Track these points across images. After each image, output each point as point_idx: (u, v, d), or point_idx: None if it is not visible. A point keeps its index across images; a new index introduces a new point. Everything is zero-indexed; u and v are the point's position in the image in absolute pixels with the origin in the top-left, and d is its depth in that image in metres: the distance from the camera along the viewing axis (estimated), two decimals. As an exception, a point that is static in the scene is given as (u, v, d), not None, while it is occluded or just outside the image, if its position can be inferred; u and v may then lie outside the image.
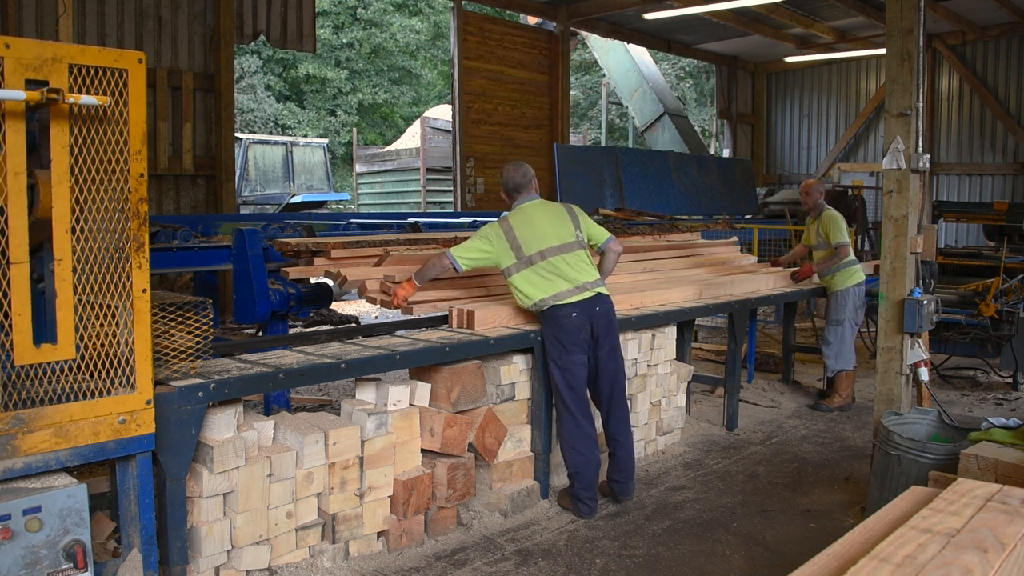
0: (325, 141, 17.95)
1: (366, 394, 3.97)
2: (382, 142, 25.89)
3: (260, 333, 5.22)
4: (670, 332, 5.58)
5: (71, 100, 2.54)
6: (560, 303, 4.29)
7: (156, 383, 2.97)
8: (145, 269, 2.81)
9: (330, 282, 4.98)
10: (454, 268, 4.38)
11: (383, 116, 28.66)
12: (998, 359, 7.41)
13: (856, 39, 15.04)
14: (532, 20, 14.42)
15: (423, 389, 4.09)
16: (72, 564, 2.58)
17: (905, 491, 2.83)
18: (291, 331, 5.52)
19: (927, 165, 4.52)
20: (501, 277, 4.66)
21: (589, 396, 4.53)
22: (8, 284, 2.50)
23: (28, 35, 8.49)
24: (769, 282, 6.84)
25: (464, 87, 12.78)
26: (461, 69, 12.72)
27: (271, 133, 23.66)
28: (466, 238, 5.57)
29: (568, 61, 14.60)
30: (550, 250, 4.32)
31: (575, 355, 4.31)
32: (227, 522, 3.32)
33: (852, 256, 6.84)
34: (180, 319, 3.16)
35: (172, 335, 3.15)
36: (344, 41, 26.60)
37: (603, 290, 4.44)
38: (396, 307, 4.50)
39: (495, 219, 4.55)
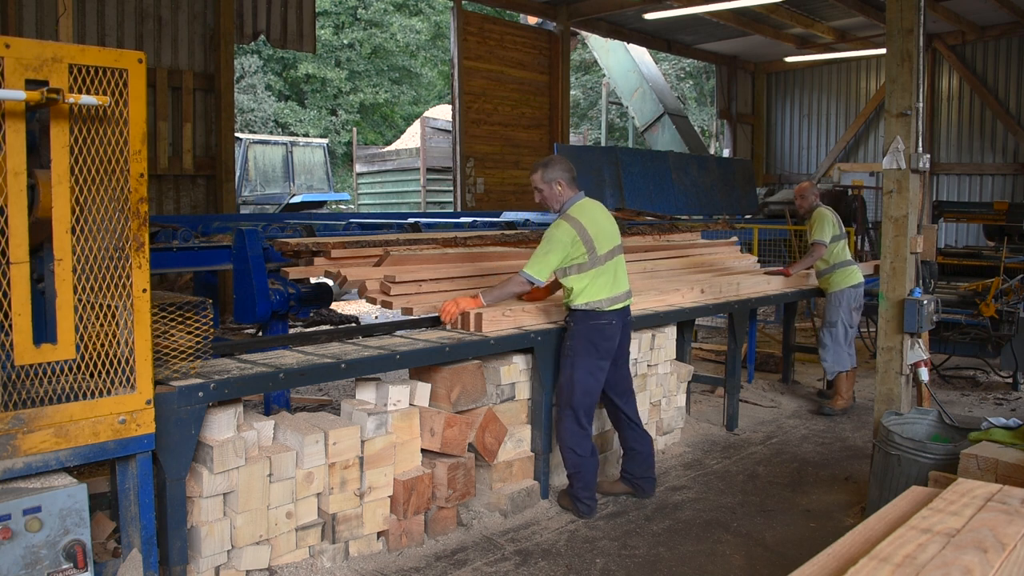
0: (325, 141, 17.95)
1: (366, 394, 3.96)
2: (382, 142, 25.90)
3: (260, 333, 5.22)
4: (670, 332, 5.58)
5: (71, 100, 2.54)
6: (609, 308, 4.32)
7: (156, 383, 2.97)
8: (145, 269, 2.81)
9: (330, 282, 4.98)
10: (532, 284, 4.30)
11: (383, 116, 28.67)
12: (998, 359, 7.41)
13: (856, 39, 15.04)
14: (532, 20, 14.43)
15: (423, 389, 4.09)
16: (72, 564, 2.58)
17: (905, 491, 2.83)
18: (291, 331, 5.52)
19: (927, 165, 4.52)
20: (500, 278, 4.64)
21: (600, 399, 4.55)
22: (8, 284, 2.50)
23: (28, 35, 8.49)
24: (769, 282, 6.84)
25: (464, 87, 12.78)
26: (461, 69, 12.73)
27: (271, 133, 23.66)
28: (466, 238, 5.58)
29: (568, 61, 14.61)
30: (609, 253, 4.34)
31: (604, 360, 4.36)
32: (227, 522, 3.32)
33: (849, 256, 6.80)
34: (180, 319, 3.16)
35: (172, 335, 3.15)
36: (344, 41, 26.61)
37: (631, 300, 4.56)
38: (449, 321, 4.37)
39: (559, 220, 4.26)
